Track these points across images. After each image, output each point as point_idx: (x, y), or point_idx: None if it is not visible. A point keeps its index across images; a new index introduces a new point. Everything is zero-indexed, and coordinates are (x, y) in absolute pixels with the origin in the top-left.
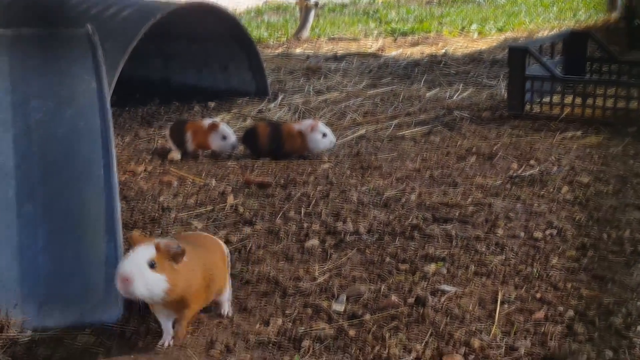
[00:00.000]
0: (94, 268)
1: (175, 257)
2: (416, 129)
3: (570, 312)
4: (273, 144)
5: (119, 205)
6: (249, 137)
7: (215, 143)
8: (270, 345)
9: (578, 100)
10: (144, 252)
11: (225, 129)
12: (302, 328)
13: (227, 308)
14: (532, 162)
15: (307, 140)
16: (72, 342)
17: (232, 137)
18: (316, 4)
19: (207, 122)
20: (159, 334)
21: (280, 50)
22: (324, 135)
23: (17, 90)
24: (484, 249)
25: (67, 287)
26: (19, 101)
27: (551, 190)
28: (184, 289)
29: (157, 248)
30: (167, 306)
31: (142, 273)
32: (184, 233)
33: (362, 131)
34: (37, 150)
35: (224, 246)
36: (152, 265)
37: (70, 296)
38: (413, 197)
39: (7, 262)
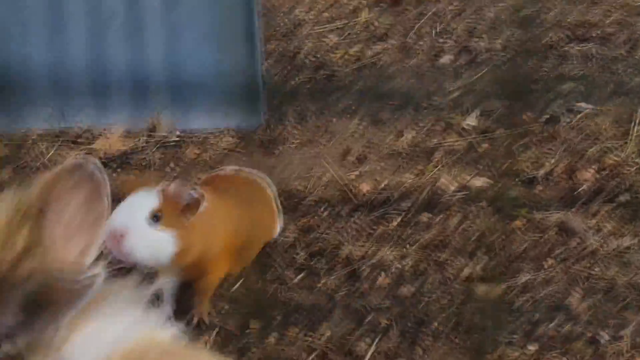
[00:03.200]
0: (235, 76)
1: (189, 208)
2: None
3: None
4: None
5: (256, 16)
6: None
7: None
8: (403, 155)
9: None
10: (144, 200)
11: None
12: (435, 140)
13: None
14: None
15: None
16: (217, 143)
17: None
18: None
19: None
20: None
21: None
22: None
23: None
24: (622, 70)
25: (210, 93)
26: None
27: None
28: (202, 252)
29: (164, 195)
30: (179, 274)
31: (141, 229)
32: (216, 172)
33: None
34: None
35: (268, 190)
36: (155, 219)
37: (214, 101)
38: (551, 15)
39: (157, 67)
